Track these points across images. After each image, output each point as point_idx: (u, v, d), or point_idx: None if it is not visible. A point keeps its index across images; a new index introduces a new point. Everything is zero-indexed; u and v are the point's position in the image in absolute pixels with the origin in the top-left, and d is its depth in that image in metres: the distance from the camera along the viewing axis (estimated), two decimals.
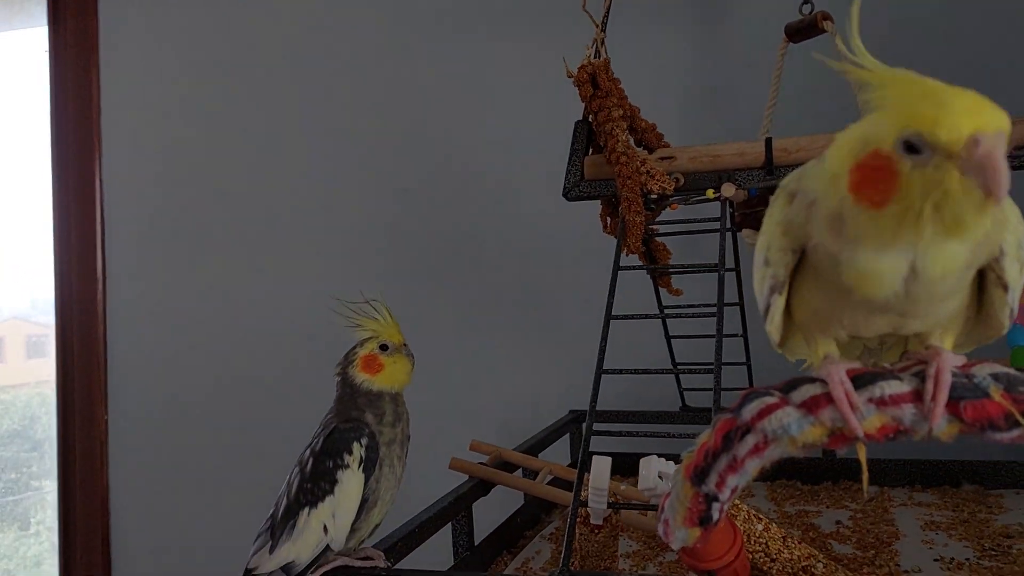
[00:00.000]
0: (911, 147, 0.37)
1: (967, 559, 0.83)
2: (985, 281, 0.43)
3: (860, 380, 0.38)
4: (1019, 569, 0.79)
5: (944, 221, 0.37)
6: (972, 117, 0.36)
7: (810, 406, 0.38)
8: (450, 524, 0.85)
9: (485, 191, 1.52)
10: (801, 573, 0.67)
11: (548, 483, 0.98)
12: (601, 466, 0.62)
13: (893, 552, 0.86)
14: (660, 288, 1.05)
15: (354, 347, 0.70)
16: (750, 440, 0.39)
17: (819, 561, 0.68)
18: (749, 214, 1.09)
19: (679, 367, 1.11)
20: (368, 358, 0.68)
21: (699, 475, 0.41)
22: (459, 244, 1.54)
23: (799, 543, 0.68)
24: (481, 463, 0.95)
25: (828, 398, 0.38)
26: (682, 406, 1.27)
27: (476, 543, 0.88)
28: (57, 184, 1.77)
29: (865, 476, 0.41)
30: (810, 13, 1.12)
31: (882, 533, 0.93)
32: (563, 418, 1.26)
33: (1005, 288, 0.42)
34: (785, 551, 0.66)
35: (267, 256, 1.67)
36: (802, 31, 1.14)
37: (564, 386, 1.43)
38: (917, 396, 0.37)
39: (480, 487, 0.91)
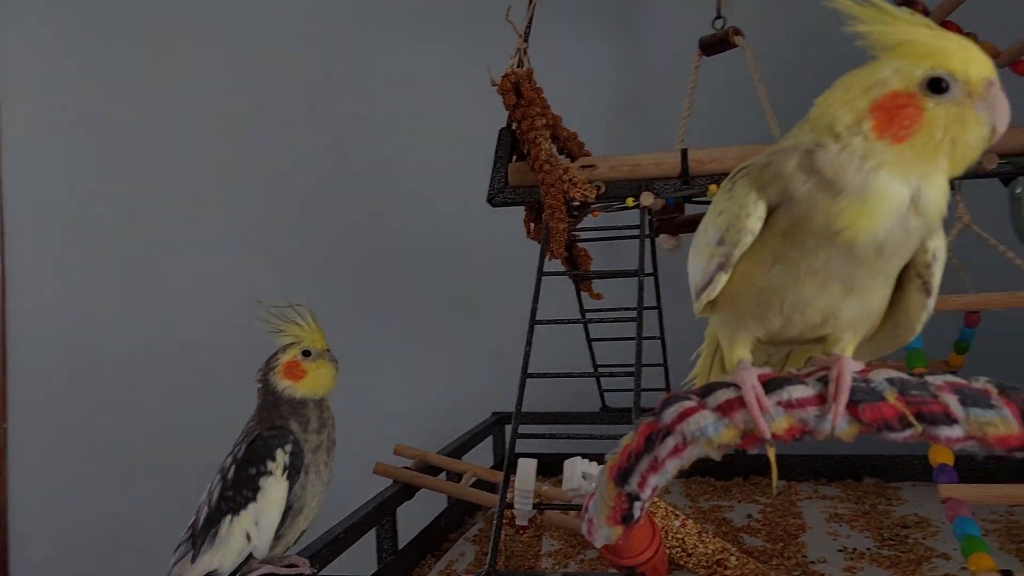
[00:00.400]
0: (936, 87, 0.41)
1: (868, 549, 0.88)
2: (904, 289, 0.46)
3: (770, 385, 0.41)
4: (915, 557, 0.84)
5: (955, 154, 0.41)
6: (986, 63, 0.41)
7: (725, 410, 0.41)
8: (374, 529, 0.85)
9: (409, 194, 1.52)
10: (715, 566, 0.70)
11: (472, 485, 0.99)
12: (527, 468, 0.64)
13: (800, 544, 0.91)
14: (581, 292, 1.07)
15: (276, 353, 0.69)
16: (670, 442, 0.41)
17: (732, 554, 0.71)
18: (665, 220, 1.12)
19: (600, 369, 1.14)
20: (290, 364, 0.67)
21: (622, 476, 0.43)
22: (383, 247, 1.53)
23: (713, 537, 0.71)
24: (405, 467, 0.95)
25: (741, 402, 0.41)
26: (602, 407, 1.30)
27: (400, 547, 0.88)
28: None
29: (774, 473, 0.43)
30: (722, 28, 1.17)
31: (790, 526, 0.97)
32: (486, 420, 1.28)
33: (928, 293, 0.46)
34: (701, 545, 0.69)
35: (179, 259, 1.63)
36: (715, 45, 1.19)
37: (486, 388, 1.44)
38: (821, 399, 0.40)
39: (404, 491, 0.92)
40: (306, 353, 0.69)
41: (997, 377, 0.44)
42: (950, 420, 0.39)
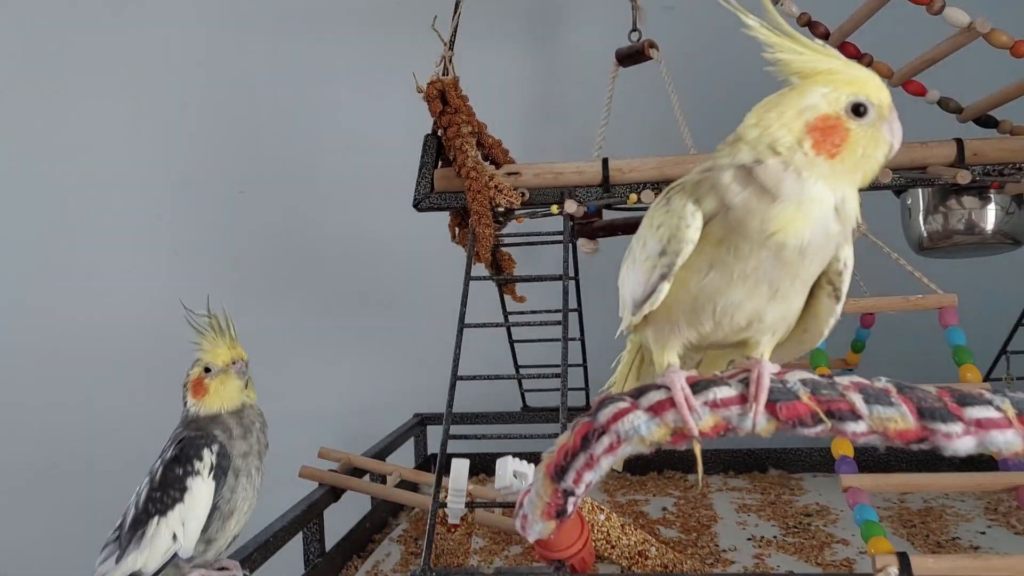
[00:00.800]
0: (857, 111, 0.46)
1: (775, 537, 0.94)
2: (815, 296, 0.51)
3: (697, 386, 0.44)
4: (817, 543, 0.90)
5: (867, 168, 0.47)
6: (887, 92, 0.47)
7: (656, 410, 0.44)
8: (301, 531, 0.85)
9: (333, 196, 1.52)
10: (637, 557, 0.74)
11: (396, 486, 1.00)
12: (460, 468, 0.66)
13: (712, 534, 0.96)
14: (505, 295, 1.10)
15: (191, 367, 0.68)
16: (605, 440, 0.44)
17: (652, 545, 0.75)
18: (583, 225, 1.16)
19: (522, 370, 1.17)
20: (194, 382, 0.67)
21: (559, 473, 0.46)
22: (304, 249, 1.52)
23: (636, 529, 0.74)
24: (332, 470, 0.96)
25: (670, 402, 0.44)
26: (523, 407, 1.33)
27: (327, 549, 0.89)
28: None
29: (700, 468, 0.47)
30: (638, 41, 1.22)
31: (702, 517, 1.02)
32: (408, 422, 1.29)
33: (837, 299, 0.51)
34: (624, 537, 0.72)
35: (92, 261, 1.57)
36: (631, 57, 1.23)
37: (406, 390, 1.45)
38: (743, 399, 0.44)
39: (331, 494, 0.92)
40: (207, 370, 0.67)
41: (889, 373, 0.49)
42: (856, 417, 0.43)
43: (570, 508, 0.49)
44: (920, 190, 0.92)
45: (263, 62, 1.54)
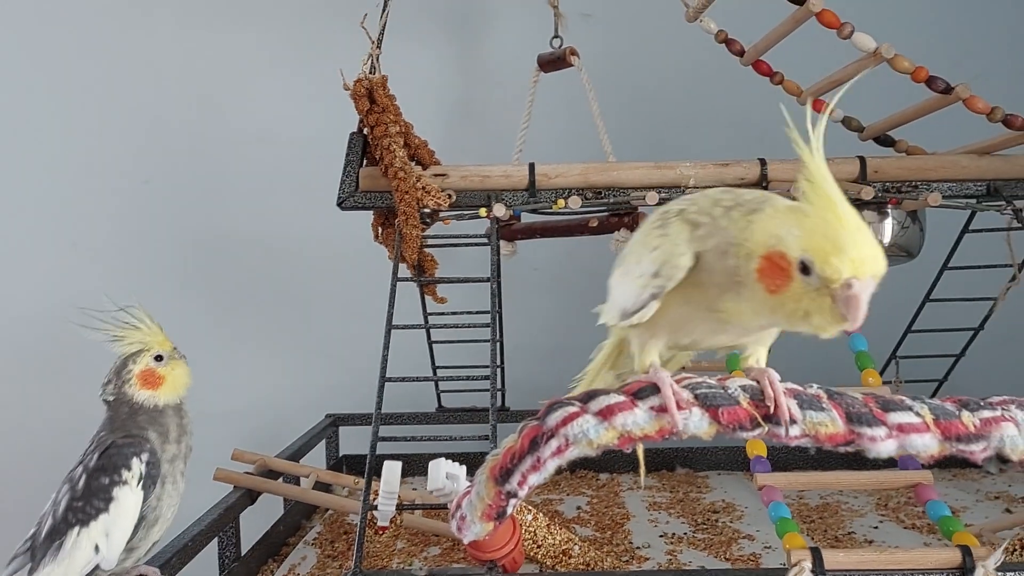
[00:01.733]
0: (805, 268, 0.45)
1: (685, 533, 0.97)
2: None
3: (641, 392, 0.46)
4: (725, 539, 0.94)
5: (810, 322, 0.46)
6: (853, 265, 0.44)
7: (605, 414, 0.45)
8: (217, 536, 0.83)
9: (246, 191, 1.47)
10: (562, 555, 0.75)
11: (312, 488, 0.99)
12: (392, 470, 0.65)
13: (627, 531, 0.99)
14: (425, 296, 1.10)
15: (124, 363, 0.66)
16: (554, 443, 0.45)
17: (575, 544, 0.77)
18: (503, 227, 1.17)
19: (447, 370, 1.17)
20: (145, 373, 0.65)
21: (504, 475, 0.47)
22: (213, 244, 1.47)
23: (560, 529, 0.76)
24: (247, 472, 0.94)
25: (619, 407, 0.45)
26: (439, 407, 1.33)
27: (242, 553, 0.87)
28: None
29: (642, 469, 0.49)
30: (560, 47, 1.24)
31: (616, 515, 1.05)
32: (321, 423, 1.27)
33: None
34: (549, 537, 0.74)
35: None
36: (552, 63, 1.25)
37: (316, 391, 1.43)
38: (688, 404, 0.46)
39: (246, 497, 0.90)
40: (158, 358, 0.66)
41: (796, 377, 0.52)
42: (791, 421, 0.46)
43: (510, 510, 0.50)
44: None
45: (173, 50, 1.47)
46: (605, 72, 1.27)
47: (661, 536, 0.97)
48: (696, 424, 0.45)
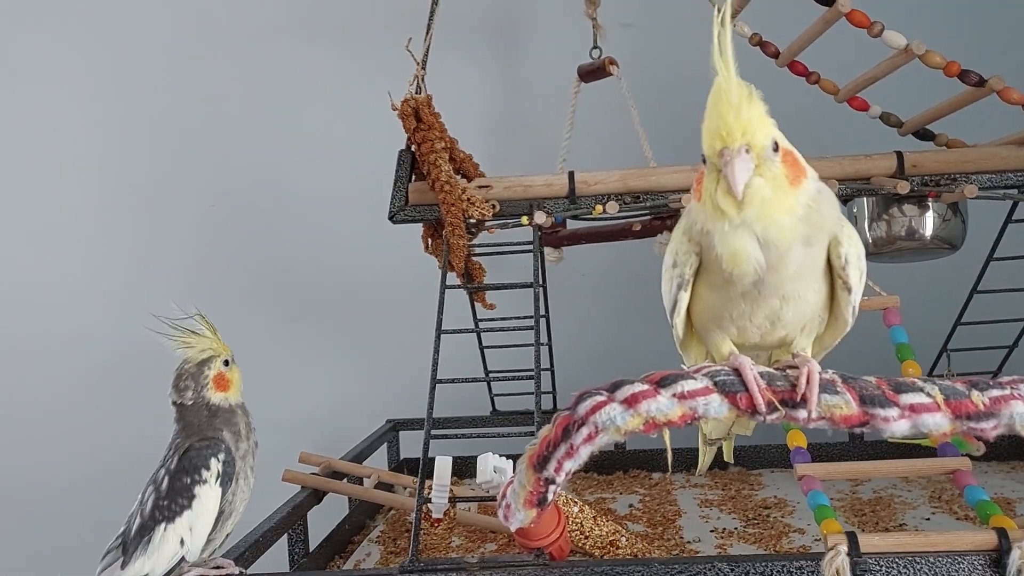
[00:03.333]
0: (704, 160, 0.52)
1: (736, 528, 0.99)
2: (835, 289, 0.58)
3: (664, 381, 0.49)
4: (775, 533, 0.96)
5: (721, 209, 0.51)
6: (722, 137, 0.51)
7: (630, 402, 0.48)
8: (286, 533, 0.88)
9: (304, 205, 1.54)
10: (609, 546, 0.78)
11: (375, 488, 1.04)
12: (444, 465, 0.70)
13: (678, 527, 1.01)
14: (475, 303, 1.14)
15: (200, 368, 0.71)
16: (584, 431, 0.48)
17: (623, 536, 0.80)
18: (549, 235, 1.21)
19: (494, 373, 1.21)
20: (218, 377, 0.71)
21: (541, 462, 0.50)
22: (274, 260, 1.55)
23: (607, 521, 0.79)
24: (313, 474, 0.99)
25: (643, 395, 0.49)
26: (492, 410, 1.37)
27: (311, 550, 0.92)
28: None
29: (669, 453, 0.52)
30: (599, 58, 1.27)
31: (667, 512, 1.08)
32: (382, 427, 1.32)
33: (849, 290, 0.57)
34: (596, 528, 0.77)
35: (48, 279, 1.57)
36: (592, 73, 1.29)
37: (377, 397, 1.49)
38: (707, 391, 0.49)
39: (313, 496, 0.95)
40: (225, 363, 0.72)
41: (840, 368, 0.55)
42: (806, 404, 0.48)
43: (550, 496, 0.54)
44: (865, 199, 0.99)
45: (235, 75, 1.56)
46: (644, 79, 1.30)
47: (712, 531, 0.99)
48: (716, 409, 0.48)
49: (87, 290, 1.57)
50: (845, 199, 0.97)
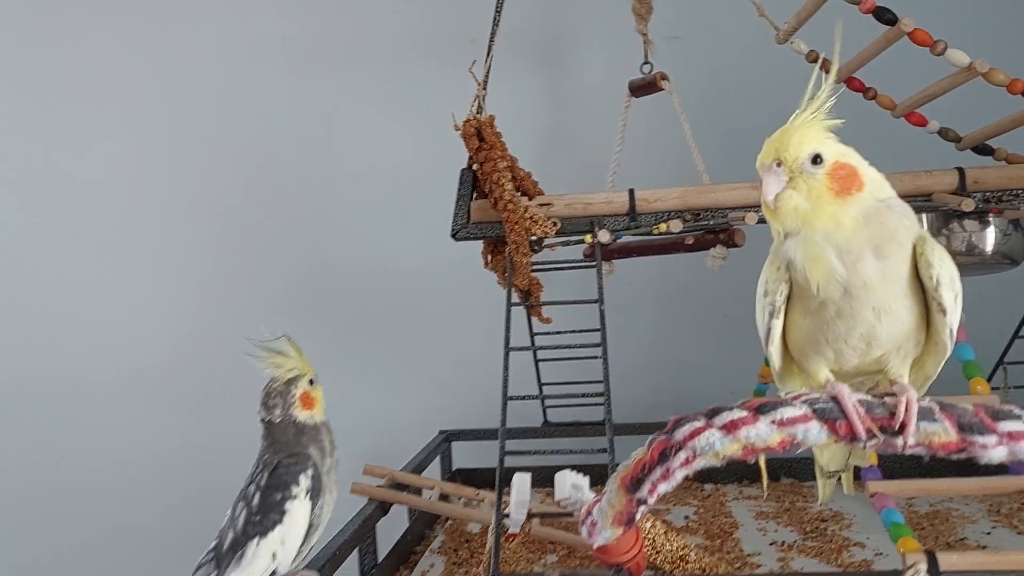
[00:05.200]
0: None
1: (795, 541, 1.00)
2: (930, 312, 0.59)
3: (763, 408, 0.51)
4: (835, 546, 0.96)
5: (767, 216, 0.58)
6: (761, 155, 0.58)
7: (729, 428, 0.50)
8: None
9: (356, 226, 1.57)
10: (679, 561, 0.80)
11: (438, 499, 1.06)
12: (523, 481, 0.71)
13: (736, 540, 1.02)
14: (531, 318, 1.15)
15: (287, 388, 0.73)
16: (682, 455, 0.50)
17: (692, 551, 0.81)
18: (602, 247, 1.22)
19: (556, 387, 1.22)
20: (304, 396, 0.73)
21: (634, 484, 0.52)
22: (327, 274, 1.58)
23: (676, 536, 0.80)
24: (378, 486, 1.01)
25: (743, 421, 0.50)
26: (544, 422, 1.38)
27: (378, 561, 0.94)
28: None
29: (764, 477, 0.54)
30: (650, 72, 1.28)
31: (724, 524, 1.08)
32: (435, 439, 1.34)
33: (944, 312, 0.58)
34: (667, 543, 0.78)
35: (105, 293, 1.61)
36: (643, 88, 1.30)
37: (427, 409, 1.51)
38: (805, 418, 0.50)
39: (380, 508, 0.97)
40: (310, 382, 0.74)
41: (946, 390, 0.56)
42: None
43: (639, 516, 0.55)
44: (925, 215, 0.99)
45: (287, 94, 1.59)
46: (694, 93, 1.31)
47: (771, 544, 0.99)
48: (815, 436, 0.49)
49: (145, 304, 1.60)
50: None
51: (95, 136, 1.62)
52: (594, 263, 0.94)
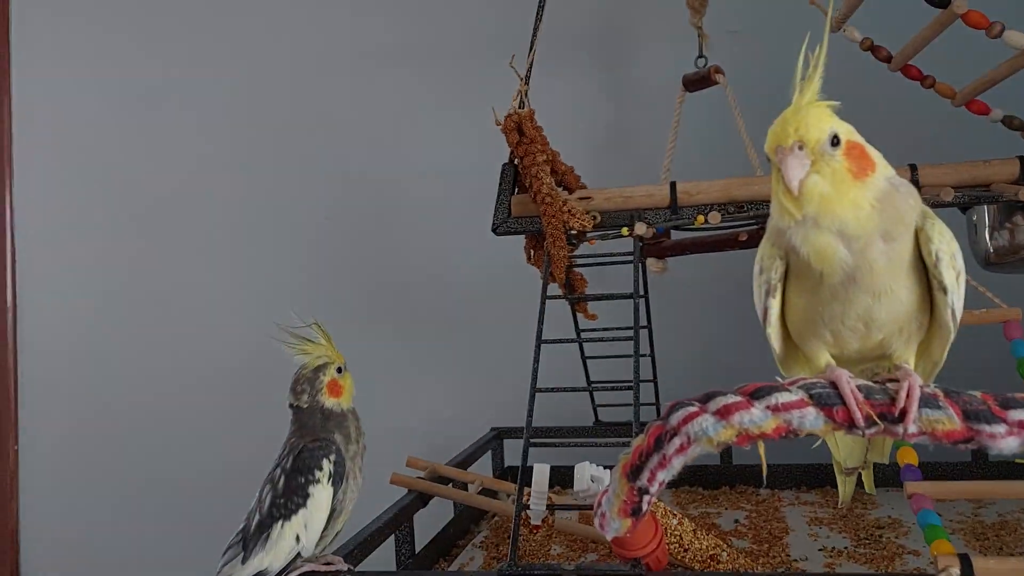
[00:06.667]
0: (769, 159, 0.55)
1: (845, 548, 0.96)
2: (932, 292, 0.57)
3: (757, 392, 0.49)
4: (888, 554, 0.92)
5: (784, 203, 0.54)
6: (776, 137, 0.54)
7: (722, 413, 0.48)
8: (393, 534, 0.92)
9: (410, 219, 1.60)
10: (709, 560, 0.78)
11: (478, 494, 1.06)
12: (542, 473, 0.71)
13: (784, 545, 0.98)
14: (577, 313, 1.15)
15: (316, 374, 0.75)
16: (676, 441, 0.49)
17: (724, 550, 0.79)
18: (652, 245, 1.21)
19: (595, 384, 1.21)
20: (331, 383, 0.75)
21: (634, 472, 0.51)
22: (385, 271, 1.61)
23: (707, 534, 0.78)
24: (419, 478, 1.02)
25: (736, 406, 0.48)
26: (595, 421, 1.37)
27: (416, 551, 0.95)
28: None
29: (764, 466, 0.52)
30: (704, 67, 1.26)
31: (774, 529, 1.05)
32: (486, 435, 1.35)
33: (945, 291, 0.56)
34: (696, 542, 0.76)
35: (185, 289, 1.69)
36: (697, 82, 1.28)
37: (484, 406, 1.52)
38: (801, 404, 0.48)
39: (419, 499, 0.98)
40: (338, 370, 0.76)
41: (956, 384, 0.53)
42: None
43: (644, 506, 0.54)
44: (986, 206, 0.94)
45: (349, 96, 1.64)
46: (750, 87, 1.28)
47: (820, 550, 0.96)
48: (812, 422, 0.47)
49: (218, 298, 1.67)
50: (964, 207, 0.93)
51: (173, 136, 1.70)
52: (631, 255, 0.92)
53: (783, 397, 0.48)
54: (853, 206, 0.53)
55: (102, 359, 1.71)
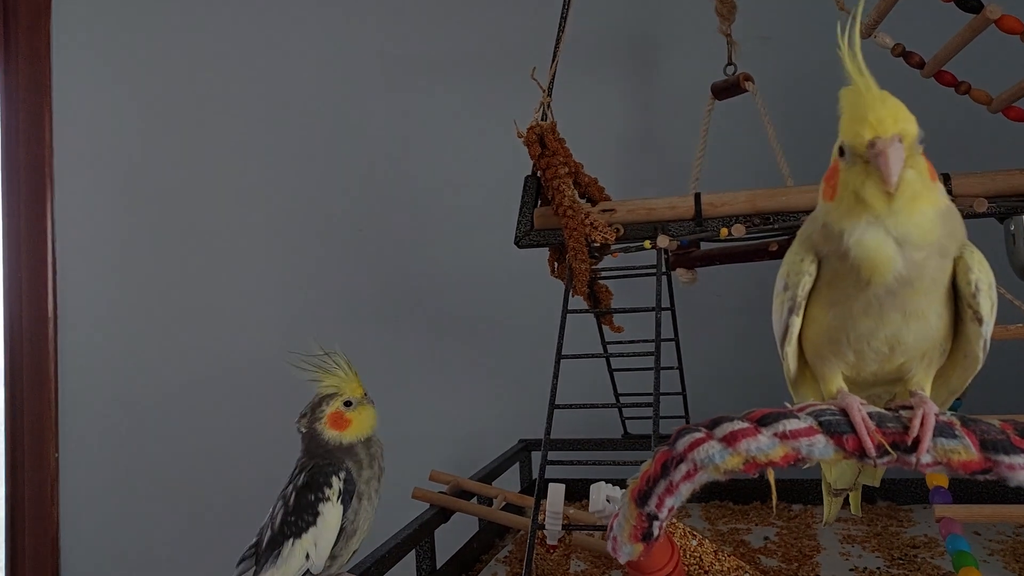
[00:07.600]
0: (843, 153, 0.50)
1: (878, 568, 0.93)
2: (962, 321, 0.54)
3: (765, 419, 0.47)
4: (922, 575, 0.89)
5: (865, 202, 0.49)
6: (872, 127, 0.48)
7: (729, 440, 0.47)
8: (414, 549, 0.91)
9: (438, 233, 1.61)
10: None
11: (502, 509, 1.05)
12: (557, 492, 0.70)
13: (814, 564, 0.96)
14: (603, 326, 1.13)
15: (319, 403, 0.74)
16: (683, 468, 0.47)
17: (746, 572, 0.77)
18: (681, 255, 1.19)
19: (621, 398, 1.20)
20: (334, 416, 0.73)
21: (642, 497, 0.50)
22: (414, 283, 1.61)
23: (729, 556, 0.76)
24: (441, 492, 1.02)
25: (743, 433, 0.47)
26: (624, 434, 1.35)
27: (437, 567, 0.94)
28: (7, 225, 1.79)
29: (774, 493, 0.50)
30: (733, 74, 1.24)
31: (805, 547, 1.02)
32: (513, 447, 1.34)
33: (980, 321, 0.53)
34: (716, 563, 0.74)
35: (221, 299, 1.71)
36: (726, 90, 1.26)
37: (513, 418, 1.51)
38: (810, 431, 0.46)
39: (441, 514, 0.98)
40: (347, 403, 0.74)
41: (988, 401, 0.51)
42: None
43: (655, 532, 0.53)
44: None
45: (379, 111, 1.64)
46: (780, 95, 1.26)
47: (851, 570, 0.93)
48: (821, 451, 0.45)
49: (254, 307, 1.69)
50: (1000, 217, 0.90)
51: (216, 152, 1.73)
52: (653, 268, 0.91)
53: (791, 424, 0.46)
54: (933, 208, 0.50)
55: (140, 368, 1.74)
